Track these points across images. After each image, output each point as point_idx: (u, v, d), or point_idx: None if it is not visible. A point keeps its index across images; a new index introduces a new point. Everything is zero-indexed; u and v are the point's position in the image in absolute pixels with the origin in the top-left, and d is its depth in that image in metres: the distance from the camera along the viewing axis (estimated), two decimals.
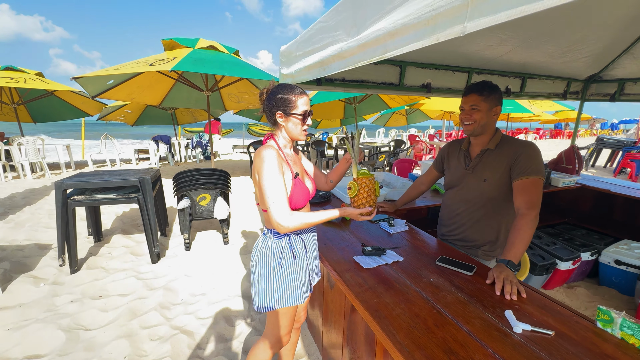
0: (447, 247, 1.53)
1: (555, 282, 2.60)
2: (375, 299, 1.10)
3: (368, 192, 1.24)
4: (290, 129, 1.22)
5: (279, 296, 1.24)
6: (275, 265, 1.23)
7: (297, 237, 1.29)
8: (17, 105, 6.68)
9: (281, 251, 1.24)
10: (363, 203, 1.24)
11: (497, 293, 1.12)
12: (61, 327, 1.94)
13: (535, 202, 1.32)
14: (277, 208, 1.10)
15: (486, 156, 1.52)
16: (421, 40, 0.67)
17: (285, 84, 1.26)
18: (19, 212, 4.02)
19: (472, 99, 1.45)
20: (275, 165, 1.12)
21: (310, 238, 1.37)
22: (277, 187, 1.11)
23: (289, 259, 1.25)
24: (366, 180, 1.25)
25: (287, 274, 1.25)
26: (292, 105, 1.20)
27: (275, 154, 1.14)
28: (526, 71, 3.19)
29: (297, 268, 1.28)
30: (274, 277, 1.23)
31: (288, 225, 1.11)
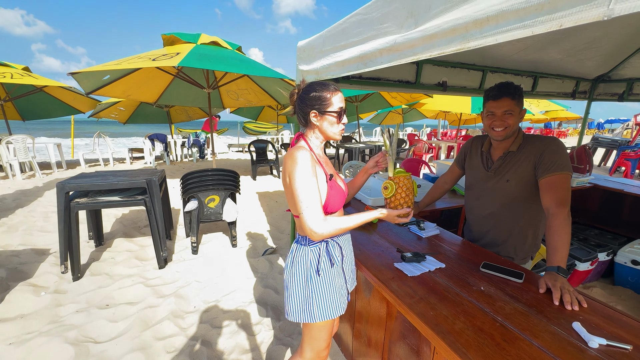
0: (483, 252, 1.47)
1: (572, 283, 2.58)
2: (431, 311, 1.03)
3: (406, 191, 1.18)
4: (326, 128, 1.15)
5: (318, 308, 1.15)
6: (312, 274, 1.15)
7: (334, 242, 1.21)
8: (4, 102, 6.37)
9: (318, 258, 1.16)
10: (401, 204, 1.18)
11: (556, 303, 1.06)
12: (68, 340, 1.81)
13: (564, 199, 1.27)
14: (311, 214, 1.02)
15: (509, 158, 1.48)
16: (532, 27, 0.59)
17: (318, 81, 1.18)
18: (11, 215, 3.81)
19: (505, 103, 1.38)
20: (309, 168, 1.04)
21: (347, 243, 1.30)
22: (311, 191, 1.03)
23: (327, 267, 1.17)
24: (404, 179, 1.18)
25: (326, 282, 1.17)
26: (327, 103, 1.12)
27: (309, 156, 1.06)
28: (538, 70, 3.17)
29: (336, 276, 1.19)
30: (312, 287, 1.15)
31: (322, 232, 1.03)
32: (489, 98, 1.45)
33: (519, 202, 1.48)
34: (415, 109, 11.44)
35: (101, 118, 8.17)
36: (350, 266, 1.32)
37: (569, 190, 1.32)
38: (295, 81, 2.43)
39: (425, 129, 15.72)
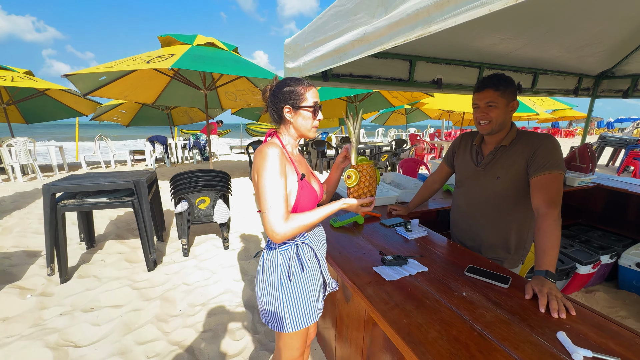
0: (471, 255, 1.39)
1: (574, 287, 2.48)
2: (405, 318, 0.96)
3: (370, 179, 1.13)
4: (300, 124, 1.10)
5: (290, 317, 1.10)
6: (283, 279, 1.09)
7: (305, 245, 1.14)
8: (7, 105, 6.46)
9: (289, 263, 1.10)
10: (364, 192, 1.13)
11: (542, 310, 0.99)
12: (48, 344, 1.78)
13: (555, 200, 1.21)
14: (273, 213, 0.98)
15: (500, 153, 1.40)
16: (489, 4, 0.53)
17: (292, 77, 1.15)
18: (7, 217, 3.82)
19: (487, 94, 1.32)
20: (277, 165, 1.00)
21: (321, 245, 1.23)
22: (277, 189, 0.99)
23: (298, 271, 1.11)
24: (367, 167, 1.13)
25: (298, 289, 1.11)
26: (301, 98, 1.08)
27: (279, 153, 1.01)
28: (538, 67, 3.07)
29: (309, 281, 1.13)
30: (283, 294, 1.09)
31: (282, 232, 0.98)
32: (474, 91, 1.39)
33: (508, 201, 1.41)
34: (419, 109, 11.34)
35: (103, 121, 8.24)
36: (326, 268, 1.25)
37: (560, 190, 1.25)
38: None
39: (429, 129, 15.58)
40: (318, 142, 7.37)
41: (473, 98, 1.40)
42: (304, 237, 1.13)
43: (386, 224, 1.73)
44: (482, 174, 1.45)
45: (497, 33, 2.22)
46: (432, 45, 2.46)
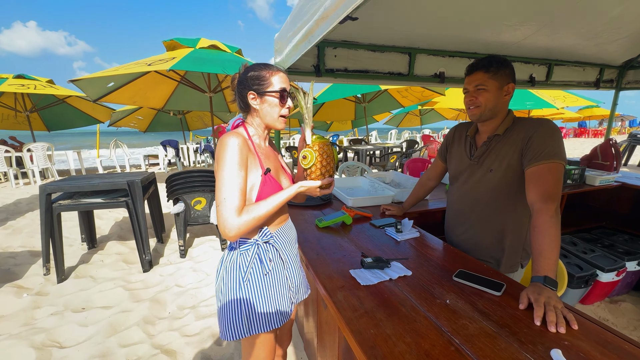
0: (465, 258, 1.25)
1: (595, 296, 2.24)
2: (372, 328, 0.84)
3: (327, 159, 1.03)
4: (266, 112, 1.02)
5: (248, 321, 1.00)
6: (242, 281, 1.00)
7: (268, 245, 1.05)
8: (30, 113, 6.79)
9: (248, 264, 1.00)
10: (322, 173, 1.02)
11: (537, 323, 0.84)
12: (34, 344, 1.76)
13: (552, 193, 1.05)
14: (227, 207, 0.89)
15: (494, 143, 1.26)
16: None
17: (260, 63, 1.05)
18: (19, 218, 3.96)
19: (477, 77, 1.19)
20: (237, 156, 0.92)
21: (288, 246, 1.12)
22: (232, 181, 0.91)
23: (259, 274, 1.02)
24: (323, 146, 1.03)
25: (257, 292, 1.01)
26: (266, 83, 0.99)
27: (240, 143, 0.93)
28: (553, 57, 2.86)
29: (270, 284, 1.04)
30: (240, 297, 1.00)
31: (236, 225, 0.88)
32: (464, 74, 1.26)
33: (503, 197, 1.25)
34: (434, 110, 11.04)
35: (120, 127, 8.52)
36: (297, 273, 1.16)
37: (559, 183, 1.09)
38: None
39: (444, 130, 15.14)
40: None
41: (464, 83, 1.27)
42: (266, 236, 1.04)
43: (376, 225, 1.61)
44: (476, 167, 1.31)
45: (501, 20, 2.05)
46: (432, 37, 2.32)
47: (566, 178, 2.56)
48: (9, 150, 5.88)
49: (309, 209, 1.90)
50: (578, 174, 2.56)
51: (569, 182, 2.55)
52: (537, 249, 1.00)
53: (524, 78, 2.88)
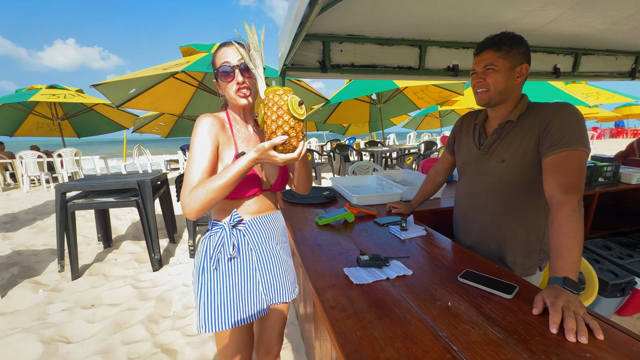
0: (474, 258, 1.13)
1: (634, 307, 2.00)
2: (359, 330, 0.76)
3: (277, 111, 0.80)
4: (225, 94, 0.98)
5: (204, 313, 0.94)
6: (206, 266, 0.95)
7: (236, 229, 0.98)
8: (61, 121, 7.22)
9: (212, 248, 0.95)
10: (273, 130, 0.81)
11: (553, 330, 0.72)
12: (42, 339, 1.80)
13: (575, 184, 0.92)
14: (184, 187, 0.86)
15: (506, 131, 1.13)
16: None
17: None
18: (46, 218, 4.18)
19: (486, 56, 1.08)
20: (203, 134, 0.90)
21: (264, 238, 1.03)
22: (194, 160, 0.88)
23: (223, 260, 0.96)
24: (274, 96, 0.81)
25: (223, 280, 0.95)
26: (215, 65, 0.97)
27: (210, 122, 0.92)
28: (579, 46, 2.64)
29: (235, 273, 0.97)
30: (200, 284, 0.96)
31: (187, 202, 0.82)
32: (473, 55, 1.15)
33: (517, 191, 1.13)
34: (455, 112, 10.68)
35: (144, 133, 8.89)
36: (274, 267, 1.06)
37: (582, 172, 0.95)
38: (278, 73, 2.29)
39: None
40: (342, 147, 7.21)
41: (472, 64, 1.17)
42: (234, 221, 0.97)
43: (380, 222, 1.52)
44: (486, 158, 1.19)
45: (518, 4, 1.91)
46: (444, 28, 2.20)
47: (598, 175, 2.33)
48: (41, 156, 6.27)
49: (312, 207, 1.83)
50: (611, 172, 2.33)
51: (600, 180, 2.32)
52: (556, 247, 0.87)
53: (547, 69, 2.69)
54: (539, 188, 1.06)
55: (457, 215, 1.38)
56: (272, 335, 1.19)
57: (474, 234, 1.28)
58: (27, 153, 6.07)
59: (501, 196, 1.16)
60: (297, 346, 1.75)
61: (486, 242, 1.24)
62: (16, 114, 6.87)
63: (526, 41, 1.11)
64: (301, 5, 0.96)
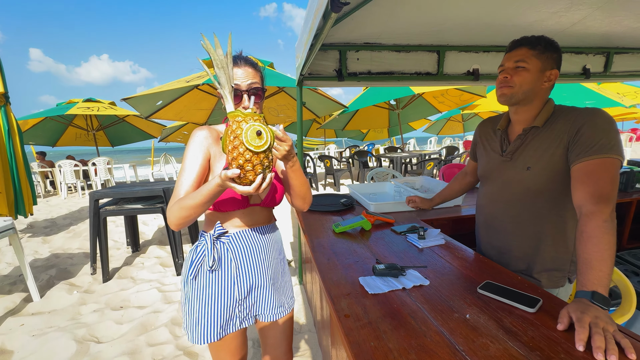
0: (495, 268, 1.09)
1: None
2: (373, 340, 0.75)
3: (235, 141, 0.72)
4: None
5: (189, 324, 0.98)
6: (188, 276, 0.97)
7: (218, 241, 0.98)
8: (96, 132, 7.73)
9: (195, 259, 0.96)
10: (229, 162, 0.75)
11: (580, 348, 0.68)
12: (76, 338, 1.91)
13: (606, 193, 0.87)
14: (172, 195, 0.90)
15: (530, 136, 1.09)
16: None
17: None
18: (80, 224, 4.46)
19: (520, 52, 1.04)
20: (194, 147, 0.93)
21: (250, 251, 1.02)
22: (183, 173, 0.91)
23: (203, 271, 0.97)
24: (233, 123, 0.74)
25: (202, 289, 0.96)
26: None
27: (202, 135, 0.94)
28: (611, 45, 2.51)
29: (215, 284, 0.97)
30: (188, 295, 0.99)
31: (168, 214, 0.88)
32: (505, 52, 1.12)
33: (544, 200, 1.08)
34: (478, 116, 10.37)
35: (169, 142, 9.31)
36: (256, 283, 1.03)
37: (615, 181, 0.91)
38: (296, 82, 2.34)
39: None
40: (360, 153, 7.18)
41: (501, 62, 1.13)
42: (218, 232, 0.97)
43: (397, 231, 1.50)
44: (509, 165, 1.15)
45: (541, 6, 1.85)
46: (463, 32, 2.17)
47: (635, 181, 2.18)
48: (77, 165, 6.72)
49: (329, 214, 1.84)
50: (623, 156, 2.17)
51: (638, 186, 2.17)
52: (584, 259, 0.83)
53: (575, 70, 2.57)
54: (566, 197, 1.01)
55: (479, 223, 1.34)
56: (279, 352, 1.17)
57: (497, 243, 1.24)
58: (65, 162, 6.53)
59: (527, 204, 1.12)
60: (314, 353, 1.75)
61: (511, 252, 1.19)
62: (57, 126, 7.43)
63: (560, 48, 1.07)
64: (314, 19, 0.99)
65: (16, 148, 2.59)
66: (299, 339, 1.90)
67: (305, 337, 1.91)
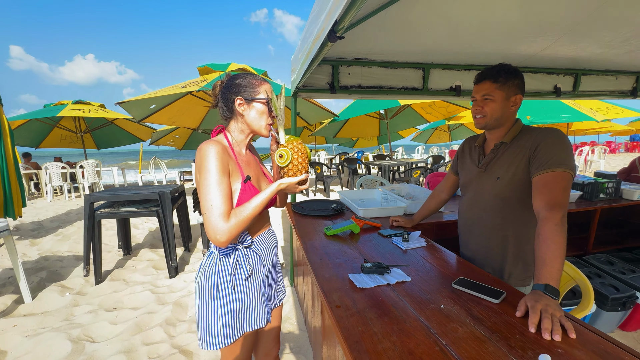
0: (471, 267, 1.23)
1: (637, 322, 2.02)
2: (360, 326, 0.87)
3: (302, 156, 1.09)
4: (253, 119, 1.04)
5: (225, 328, 1.03)
6: (222, 287, 1.03)
7: (249, 250, 1.09)
8: (84, 134, 7.63)
9: (230, 269, 1.03)
10: (299, 170, 1.08)
11: (532, 330, 0.82)
12: (70, 338, 1.95)
13: (559, 202, 1.04)
14: (214, 213, 0.90)
15: (501, 151, 1.26)
16: None
17: (247, 72, 1.11)
18: (69, 226, 4.42)
19: (484, 87, 1.22)
20: (218, 163, 0.93)
21: (267, 251, 1.18)
22: (217, 188, 0.92)
23: (240, 280, 1.05)
24: (297, 144, 1.08)
25: (239, 298, 1.05)
26: (255, 90, 1.04)
27: (220, 151, 0.95)
28: (579, 66, 2.76)
29: (250, 289, 1.08)
30: (219, 303, 1.02)
31: (227, 230, 0.90)
32: (473, 83, 1.29)
33: (511, 206, 1.24)
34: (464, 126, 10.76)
35: (160, 145, 9.26)
36: (274, 278, 1.25)
37: (566, 191, 1.07)
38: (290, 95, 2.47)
39: None
40: (350, 160, 7.35)
41: (472, 91, 1.31)
42: (247, 242, 1.09)
43: (384, 234, 1.63)
44: (484, 175, 1.32)
45: (515, 32, 2.05)
46: (445, 54, 2.37)
47: (600, 192, 2.39)
48: (65, 167, 6.62)
49: (321, 218, 1.96)
50: (613, 188, 2.39)
51: (602, 196, 2.38)
52: (540, 257, 0.98)
53: (547, 89, 2.80)
54: (529, 204, 1.17)
55: (460, 227, 1.49)
56: (270, 338, 1.29)
57: (474, 245, 1.39)
58: (52, 164, 6.42)
59: (497, 211, 1.27)
60: (305, 351, 1.85)
61: (484, 254, 1.35)
62: (42, 127, 7.31)
63: (521, 73, 1.24)
64: (313, 46, 1.12)
65: (7, 149, 2.59)
66: (290, 337, 1.99)
67: (296, 335, 2.01)
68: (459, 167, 1.52)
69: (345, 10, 0.72)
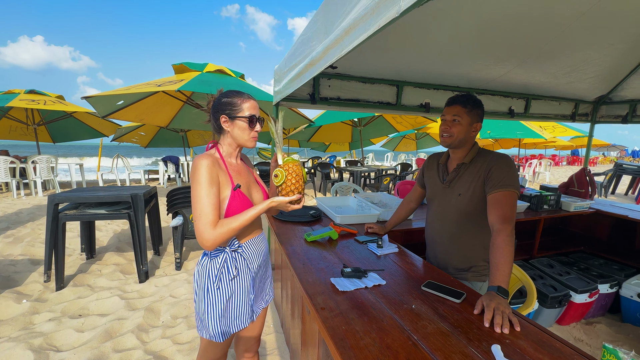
0: (437, 272, 1.40)
1: (571, 317, 2.35)
2: (344, 325, 0.98)
3: (296, 177, 1.17)
4: (237, 134, 1.16)
5: (213, 324, 1.15)
6: (209, 286, 1.15)
7: (236, 253, 1.19)
8: (38, 126, 7.02)
9: (217, 271, 1.14)
10: (292, 190, 1.16)
11: (486, 324, 0.98)
12: (32, 347, 1.84)
13: (509, 217, 1.24)
14: (201, 222, 1.03)
15: (462, 170, 1.45)
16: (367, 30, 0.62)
17: (233, 90, 1.21)
18: (20, 227, 4.06)
19: (455, 109, 1.39)
20: (206, 175, 1.05)
21: (256, 256, 1.27)
22: (205, 198, 1.03)
23: (226, 280, 1.16)
24: (293, 166, 1.18)
25: (223, 297, 1.16)
26: (237, 109, 1.14)
27: (210, 163, 1.06)
28: (529, 92, 3.12)
29: (235, 290, 1.18)
30: (208, 301, 1.15)
31: (212, 237, 1.02)
32: (445, 105, 1.45)
33: (470, 218, 1.43)
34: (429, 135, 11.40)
35: (123, 142, 8.75)
36: (262, 280, 1.34)
37: (513, 208, 1.28)
38: (273, 103, 2.54)
39: None
40: (323, 165, 7.50)
41: (443, 112, 1.46)
42: (234, 246, 1.18)
43: (360, 240, 1.76)
44: (448, 192, 1.49)
45: (478, 59, 2.31)
46: (417, 73, 2.58)
47: (543, 203, 2.73)
48: (13, 162, 6.05)
49: (300, 224, 2.04)
50: (554, 200, 2.73)
51: (545, 207, 2.72)
52: (494, 263, 1.16)
53: (503, 110, 3.13)
54: (484, 217, 1.36)
55: (427, 237, 1.66)
56: (251, 336, 1.38)
57: (438, 252, 1.57)
58: None
59: (458, 222, 1.45)
60: (282, 352, 1.92)
61: (447, 259, 1.52)
62: None
63: (483, 106, 1.43)
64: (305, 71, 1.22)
65: None
66: (267, 339, 2.05)
67: (273, 337, 2.07)
68: (425, 181, 1.70)
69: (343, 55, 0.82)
